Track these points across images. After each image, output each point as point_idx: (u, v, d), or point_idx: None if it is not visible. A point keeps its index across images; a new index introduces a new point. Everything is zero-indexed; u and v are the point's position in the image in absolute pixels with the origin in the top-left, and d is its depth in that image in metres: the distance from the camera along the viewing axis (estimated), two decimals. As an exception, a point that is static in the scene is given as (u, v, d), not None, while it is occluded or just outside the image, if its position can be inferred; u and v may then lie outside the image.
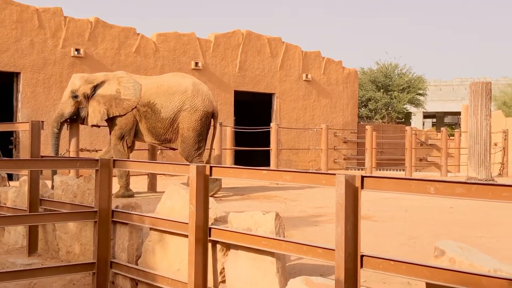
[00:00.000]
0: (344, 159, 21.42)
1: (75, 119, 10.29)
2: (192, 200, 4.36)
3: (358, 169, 20.01)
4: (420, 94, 32.03)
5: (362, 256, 3.37)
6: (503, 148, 18.71)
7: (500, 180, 14.14)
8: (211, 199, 4.54)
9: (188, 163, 5.21)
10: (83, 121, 10.27)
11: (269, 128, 14.64)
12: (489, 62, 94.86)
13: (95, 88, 10.17)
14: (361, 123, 24.43)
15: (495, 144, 18.24)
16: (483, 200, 2.97)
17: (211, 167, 4.41)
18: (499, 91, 30.99)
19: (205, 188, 4.39)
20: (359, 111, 28.26)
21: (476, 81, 13.20)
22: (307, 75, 20.27)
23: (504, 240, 6.38)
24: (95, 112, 10.13)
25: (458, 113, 34.65)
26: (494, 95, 25.27)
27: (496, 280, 2.85)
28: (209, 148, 11.13)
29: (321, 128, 16.28)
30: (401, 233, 6.67)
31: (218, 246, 4.45)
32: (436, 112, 44.79)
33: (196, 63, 17.23)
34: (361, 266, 3.37)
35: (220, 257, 4.44)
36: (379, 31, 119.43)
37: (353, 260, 3.35)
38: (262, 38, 19.09)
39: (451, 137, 22.88)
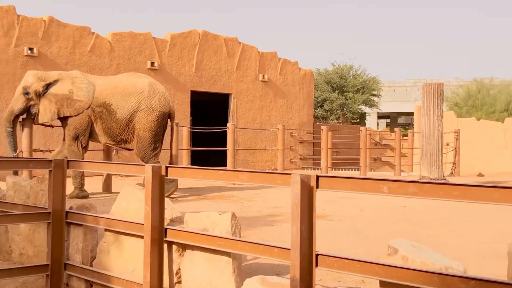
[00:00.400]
0: (300, 159, 21.57)
1: (27, 117, 10.13)
2: (147, 201, 4.34)
3: (314, 169, 20.18)
4: (374, 95, 32.49)
5: (317, 255, 3.41)
6: (455, 148, 19.11)
7: (452, 180, 14.45)
8: (167, 200, 4.52)
9: (144, 164, 5.18)
10: (35, 119, 10.12)
11: (226, 128, 14.64)
12: (441, 64, 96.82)
13: (48, 86, 10.02)
14: (317, 123, 24.65)
15: (447, 144, 18.62)
16: (435, 199, 3.04)
17: (166, 168, 4.40)
18: (451, 92, 31.60)
19: (161, 189, 4.37)
20: (315, 112, 28.49)
21: (429, 82, 13.45)
22: (263, 75, 20.34)
23: (455, 238, 6.53)
24: (46, 110, 9.98)
25: (412, 114, 35.27)
26: (446, 96, 25.81)
27: (448, 278, 2.92)
28: (170, 148, 11.08)
29: (278, 129, 16.34)
30: (356, 232, 6.76)
31: (174, 247, 4.44)
32: (390, 112, 45.48)
33: (152, 63, 17.10)
34: (316, 265, 3.41)
35: (176, 258, 4.43)
36: (334, 32, 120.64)
37: (308, 259, 3.39)
38: (218, 38, 19.08)
39: (404, 137, 23.29)
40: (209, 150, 16.10)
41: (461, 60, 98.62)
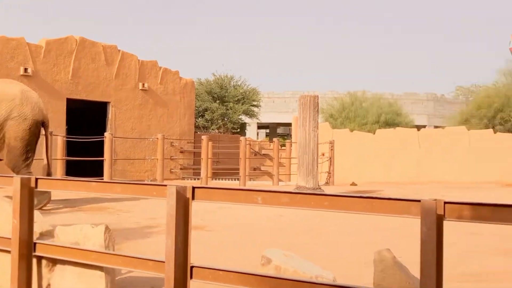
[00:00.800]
0: (181, 168, 21.47)
1: None
2: (15, 214, 4.14)
3: (195, 179, 20.14)
4: (254, 106, 33.05)
5: (192, 267, 3.40)
6: (330, 158, 19.80)
7: (327, 189, 14.95)
8: (37, 213, 4.35)
9: (14, 175, 4.94)
10: None
11: (103, 137, 14.30)
12: (317, 77, 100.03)
13: None
14: (198, 133, 24.69)
15: (323, 154, 19.25)
16: (307, 208, 3.12)
17: (36, 179, 4.22)
18: (326, 104, 32.82)
19: (30, 201, 4.18)
20: (196, 121, 28.52)
21: (305, 94, 13.85)
22: (143, 84, 20.07)
23: (327, 247, 6.75)
24: None
25: (290, 124, 36.23)
26: (321, 107, 26.71)
27: (318, 286, 3.00)
28: (43, 158, 10.65)
29: (157, 138, 16.20)
30: (233, 242, 6.82)
31: (44, 262, 4.26)
32: (270, 123, 46.45)
33: (26, 69, 16.38)
34: (191, 277, 3.40)
35: (45, 273, 4.25)
36: (216, 43, 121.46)
37: (183, 271, 3.37)
38: (97, 45, 18.62)
39: (282, 147, 23.83)
40: (87, 160, 15.66)
41: (335, 73, 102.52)
